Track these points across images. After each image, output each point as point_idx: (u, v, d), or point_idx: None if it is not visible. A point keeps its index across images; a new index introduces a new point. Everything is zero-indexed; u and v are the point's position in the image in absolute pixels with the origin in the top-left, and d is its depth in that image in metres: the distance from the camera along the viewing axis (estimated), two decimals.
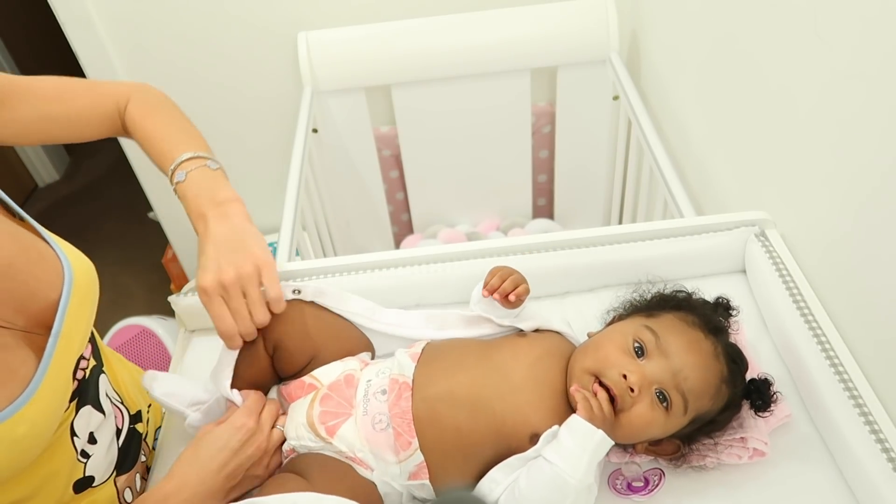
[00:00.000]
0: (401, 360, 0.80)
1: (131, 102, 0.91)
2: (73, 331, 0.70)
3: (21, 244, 0.70)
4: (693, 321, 0.77)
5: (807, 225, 0.95)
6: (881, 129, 0.77)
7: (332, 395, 0.78)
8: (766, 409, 0.76)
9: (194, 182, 0.84)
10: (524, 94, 1.71)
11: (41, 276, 0.70)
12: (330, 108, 1.68)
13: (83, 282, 0.73)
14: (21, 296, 0.68)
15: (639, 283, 0.88)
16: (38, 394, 0.64)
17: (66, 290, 0.70)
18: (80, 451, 0.73)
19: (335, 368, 0.82)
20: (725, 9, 1.15)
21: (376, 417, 0.75)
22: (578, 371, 0.76)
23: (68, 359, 0.70)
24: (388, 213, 1.93)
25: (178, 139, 0.89)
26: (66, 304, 0.70)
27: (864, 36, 0.78)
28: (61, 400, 0.68)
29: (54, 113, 0.85)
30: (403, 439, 0.73)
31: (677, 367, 0.73)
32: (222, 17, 1.64)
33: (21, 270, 0.68)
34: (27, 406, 0.63)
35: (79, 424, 0.73)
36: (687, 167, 1.37)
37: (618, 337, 0.77)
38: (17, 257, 0.69)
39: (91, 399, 0.75)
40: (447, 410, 0.74)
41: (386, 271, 0.97)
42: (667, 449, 0.77)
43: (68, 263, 0.72)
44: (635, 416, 0.72)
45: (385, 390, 0.77)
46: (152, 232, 2.27)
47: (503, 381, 0.76)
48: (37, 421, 0.64)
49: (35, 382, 0.64)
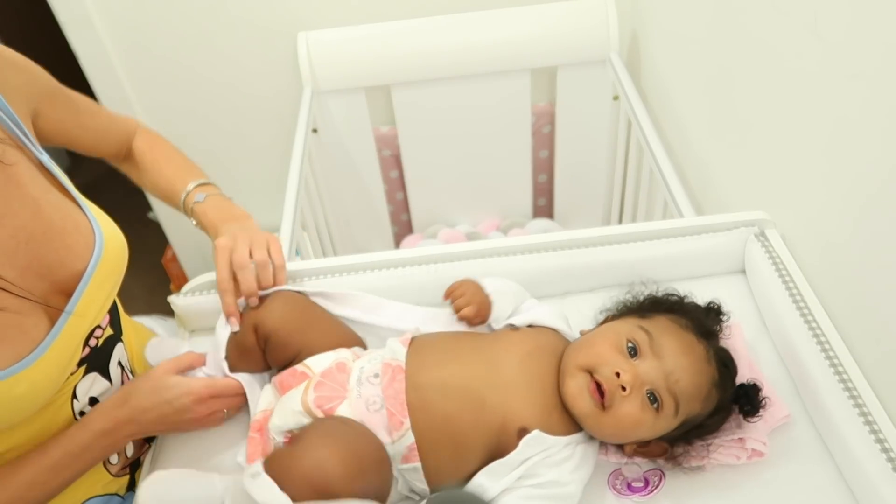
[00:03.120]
0: (393, 347, 0.81)
1: (138, 136, 1.01)
2: (90, 303, 0.75)
3: (60, 213, 0.75)
4: (686, 324, 0.78)
5: (807, 225, 0.95)
6: (881, 129, 0.77)
7: (325, 382, 0.78)
8: (754, 413, 0.76)
9: (213, 203, 0.96)
10: (524, 94, 1.71)
11: (72, 246, 0.74)
12: (330, 108, 1.68)
13: (111, 256, 0.78)
14: (49, 262, 0.72)
15: (631, 284, 0.88)
16: (43, 357, 0.68)
17: (93, 263, 0.75)
18: (78, 412, 0.78)
19: (327, 357, 0.82)
20: (725, 9, 1.15)
21: (370, 399, 0.75)
22: (571, 367, 0.76)
23: (81, 329, 0.74)
24: (388, 213, 1.92)
25: (187, 168, 1.01)
26: (89, 278, 0.74)
27: (864, 36, 0.78)
28: (66, 366, 0.73)
29: (87, 124, 0.93)
30: (396, 419, 0.74)
31: (670, 369, 0.73)
32: (222, 17, 1.64)
33: (54, 238, 0.73)
34: (31, 367, 0.67)
35: (81, 388, 0.77)
36: (687, 167, 1.37)
37: (612, 335, 0.77)
38: (54, 226, 0.73)
39: (99, 366, 0.79)
40: (438, 399, 0.75)
41: (386, 271, 0.97)
42: (654, 451, 0.78)
43: (101, 237, 0.77)
44: (624, 415, 0.73)
45: (378, 374, 0.77)
46: (152, 232, 2.27)
47: (494, 374, 0.77)
48: (37, 383, 0.68)
49: (43, 347, 0.68)
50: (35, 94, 0.81)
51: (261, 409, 0.82)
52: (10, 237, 0.69)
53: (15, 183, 0.70)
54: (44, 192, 0.74)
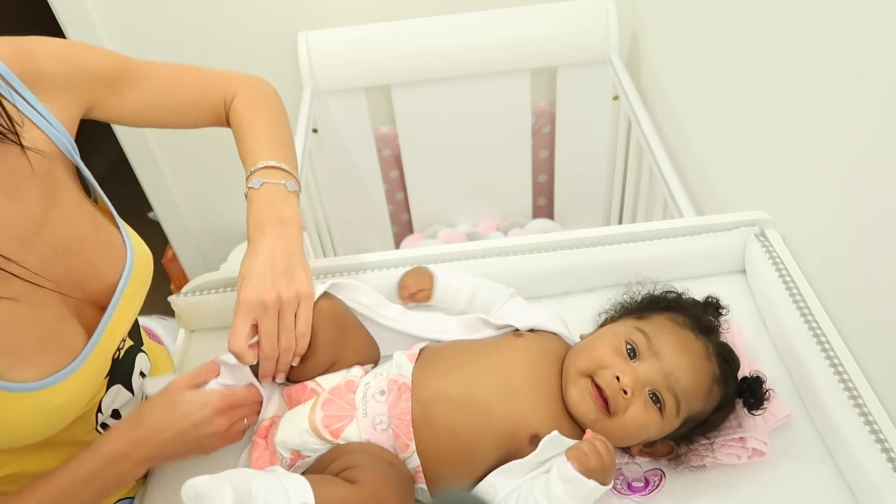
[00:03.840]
0: (399, 362, 0.80)
1: (238, 95, 0.90)
2: (123, 315, 0.74)
3: (94, 224, 0.74)
4: (684, 322, 0.78)
5: (807, 225, 0.95)
6: (881, 128, 0.77)
7: (334, 399, 0.78)
8: (758, 406, 0.76)
9: (266, 193, 0.82)
10: (524, 95, 1.71)
11: (105, 258, 0.74)
12: (330, 108, 1.68)
13: (141, 269, 0.77)
14: (83, 273, 0.71)
15: (629, 284, 0.88)
16: (82, 367, 0.68)
17: (126, 274, 0.74)
18: (101, 424, 0.76)
19: (338, 376, 0.82)
20: (725, 9, 1.15)
21: (376, 419, 0.75)
22: (572, 372, 0.76)
23: (114, 339, 0.74)
24: (388, 213, 1.92)
25: (268, 143, 0.86)
26: (123, 289, 0.73)
27: (864, 36, 0.78)
28: (98, 376, 0.72)
29: (163, 102, 0.85)
30: (402, 441, 0.74)
31: (669, 369, 0.73)
32: (222, 17, 1.64)
33: (88, 249, 0.72)
34: (70, 377, 0.66)
35: (105, 401, 0.76)
36: (687, 167, 1.37)
37: (610, 338, 0.77)
38: (88, 236, 0.72)
39: (122, 378, 0.78)
40: (443, 412, 0.74)
41: (386, 271, 0.97)
42: (661, 450, 0.77)
43: (132, 250, 0.76)
44: (630, 419, 0.72)
45: (384, 391, 0.77)
46: (152, 232, 2.26)
47: (501, 383, 0.76)
48: (74, 393, 0.67)
49: (82, 357, 0.68)
50: (85, 85, 0.76)
51: (269, 415, 0.81)
52: (47, 246, 0.68)
53: (52, 192, 0.70)
54: (79, 202, 0.73)
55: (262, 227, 0.79)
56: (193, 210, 1.97)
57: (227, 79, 0.91)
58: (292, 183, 0.84)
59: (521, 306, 0.90)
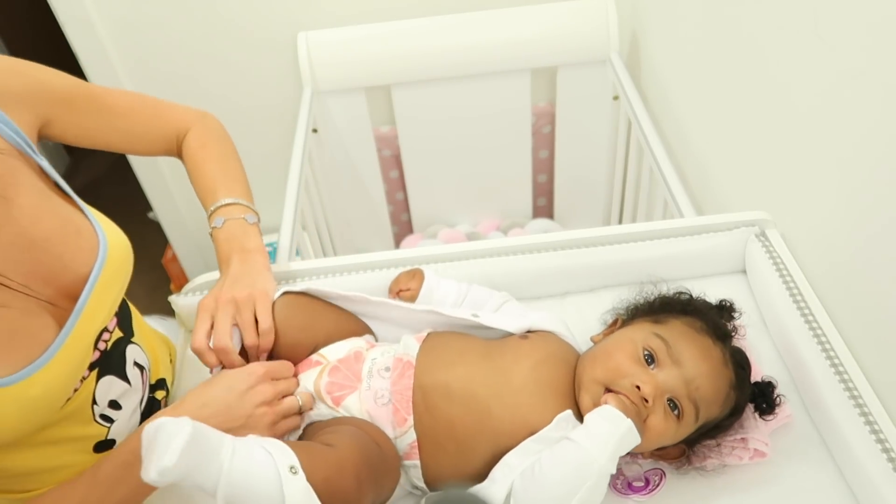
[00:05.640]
0: (406, 342, 0.81)
1: (191, 133, 0.96)
2: (98, 305, 0.74)
3: (61, 219, 0.74)
4: (701, 327, 0.77)
5: (807, 225, 0.95)
6: (881, 128, 0.77)
7: (341, 368, 0.79)
8: (770, 412, 0.76)
9: (229, 230, 0.89)
10: (524, 95, 1.71)
11: (76, 251, 0.74)
12: (330, 109, 1.68)
13: (116, 258, 0.77)
14: (53, 268, 0.72)
15: (641, 283, 0.88)
16: (54, 360, 0.68)
17: (98, 266, 0.74)
18: (100, 415, 0.77)
19: (342, 347, 0.82)
20: (725, 9, 1.15)
21: (378, 392, 0.76)
22: (588, 381, 0.75)
23: (90, 330, 0.74)
24: (388, 213, 1.93)
25: (224, 180, 0.93)
26: (95, 280, 0.74)
27: (865, 36, 0.78)
28: (77, 368, 0.72)
29: (118, 126, 0.90)
30: (400, 415, 0.74)
31: (690, 377, 0.72)
32: (222, 17, 1.64)
33: (57, 244, 0.72)
34: (42, 370, 0.67)
35: (99, 392, 0.76)
36: (687, 167, 1.37)
37: (627, 345, 0.75)
38: (56, 232, 0.73)
39: (115, 369, 0.79)
40: (441, 403, 0.75)
41: (386, 271, 0.97)
42: (672, 453, 0.77)
43: (105, 240, 0.76)
44: (650, 428, 0.72)
45: (389, 367, 0.78)
46: (152, 232, 2.27)
47: (503, 383, 0.76)
48: (50, 385, 0.68)
49: (52, 349, 0.68)
50: (42, 101, 0.80)
51: None
52: (10, 244, 0.69)
53: (9, 191, 0.70)
54: (43, 199, 0.74)
55: (228, 261, 0.87)
56: (193, 210, 1.97)
57: (180, 112, 0.97)
58: (251, 216, 0.91)
59: (519, 310, 0.90)
